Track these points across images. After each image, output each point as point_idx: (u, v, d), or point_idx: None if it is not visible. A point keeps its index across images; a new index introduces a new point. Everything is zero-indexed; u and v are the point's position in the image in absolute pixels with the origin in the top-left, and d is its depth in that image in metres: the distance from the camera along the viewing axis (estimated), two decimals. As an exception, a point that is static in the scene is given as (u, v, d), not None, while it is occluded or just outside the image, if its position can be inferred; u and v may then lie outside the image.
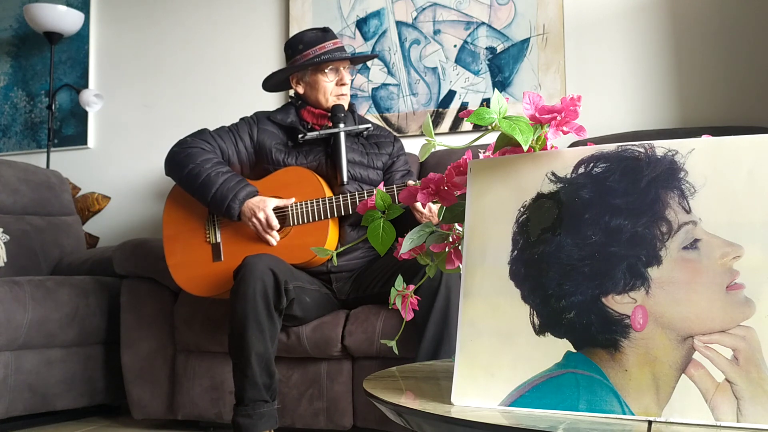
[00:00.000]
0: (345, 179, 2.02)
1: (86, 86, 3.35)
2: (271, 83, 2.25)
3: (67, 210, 2.98)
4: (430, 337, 1.80)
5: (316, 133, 2.07)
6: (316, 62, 2.10)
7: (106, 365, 2.46)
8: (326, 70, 2.12)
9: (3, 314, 2.14)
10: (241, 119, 2.20)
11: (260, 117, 2.20)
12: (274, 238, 2.00)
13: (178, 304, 2.25)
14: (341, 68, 2.14)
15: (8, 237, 2.63)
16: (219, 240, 2.08)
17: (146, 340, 2.28)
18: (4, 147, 3.48)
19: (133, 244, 2.33)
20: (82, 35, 3.38)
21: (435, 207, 1.89)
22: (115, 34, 3.39)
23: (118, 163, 3.30)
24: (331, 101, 2.13)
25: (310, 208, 2.00)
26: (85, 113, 3.34)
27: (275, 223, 1.98)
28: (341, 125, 2.07)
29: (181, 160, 2.06)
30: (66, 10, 3.20)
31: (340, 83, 2.13)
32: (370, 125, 2.16)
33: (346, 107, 2.14)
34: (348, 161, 2.07)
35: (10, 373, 2.17)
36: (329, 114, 2.13)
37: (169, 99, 3.25)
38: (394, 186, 1.93)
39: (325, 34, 2.14)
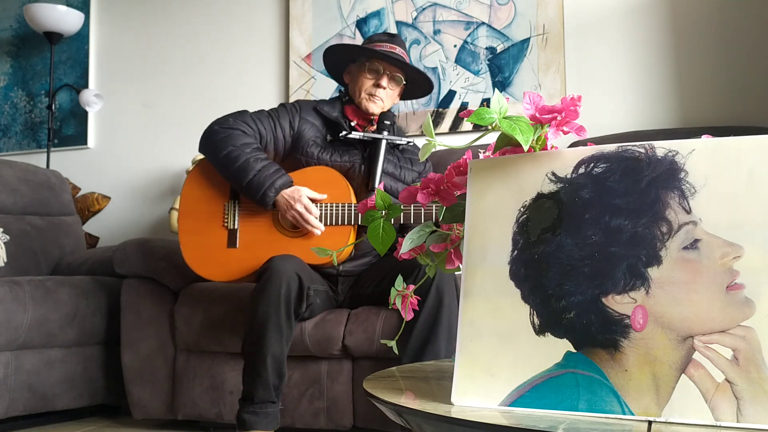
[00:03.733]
0: (376, 186, 1.99)
1: (86, 86, 3.35)
2: (332, 66, 2.22)
3: (67, 210, 2.98)
4: (417, 337, 1.81)
5: (361, 134, 2.05)
6: (367, 52, 2.08)
7: (106, 365, 2.46)
8: (368, 67, 2.09)
9: (3, 314, 2.13)
10: (281, 105, 2.15)
11: (304, 106, 2.14)
12: (317, 227, 1.95)
13: (178, 304, 2.25)
14: (385, 73, 2.08)
15: (8, 237, 2.63)
16: (236, 227, 2.04)
17: (146, 340, 2.28)
18: (4, 147, 3.48)
19: (133, 244, 2.33)
20: (82, 35, 3.38)
21: None
22: (115, 34, 3.39)
23: (118, 163, 3.30)
24: (363, 98, 2.09)
25: (335, 211, 1.98)
26: (85, 113, 3.34)
27: (315, 210, 1.95)
28: (385, 133, 2.05)
29: (220, 140, 2.00)
30: (66, 10, 3.20)
31: (376, 84, 2.08)
32: (411, 141, 2.15)
33: (377, 111, 2.10)
34: (382, 171, 2.05)
35: (10, 373, 2.17)
36: (372, 117, 2.11)
37: (169, 99, 3.26)
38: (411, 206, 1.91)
39: (391, 38, 2.13)
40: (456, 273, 1.11)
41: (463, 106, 2.80)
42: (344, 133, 2.05)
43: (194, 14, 3.26)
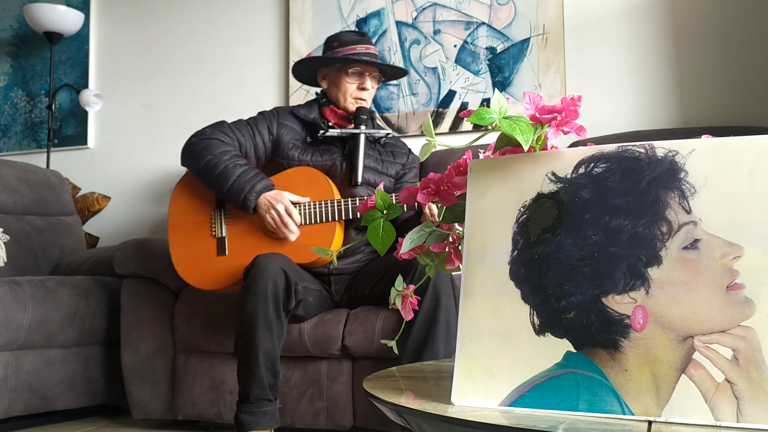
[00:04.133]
0: (360, 180, 2.03)
1: (86, 86, 3.35)
2: (302, 72, 2.25)
3: (67, 210, 2.98)
4: (415, 337, 1.81)
5: (338, 131, 2.08)
6: (342, 60, 2.10)
7: (106, 365, 2.46)
8: (350, 71, 2.12)
9: (3, 314, 2.13)
10: (260, 113, 2.19)
11: (281, 111, 2.19)
12: (292, 232, 1.97)
13: (178, 304, 2.25)
14: (366, 74, 2.13)
15: (8, 237, 2.63)
16: (224, 234, 2.07)
17: (146, 340, 2.28)
18: (4, 147, 3.48)
19: (133, 244, 2.33)
20: (82, 35, 3.38)
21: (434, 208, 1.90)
22: (115, 34, 3.39)
23: (118, 163, 3.30)
24: (350, 102, 2.14)
25: (318, 209, 2.00)
26: (85, 113, 3.34)
27: (296, 215, 1.97)
28: (362, 127, 2.08)
29: (199, 150, 2.04)
30: (66, 10, 3.20)
31: (360, 87, 2.13)
32: (389, 132, 2.19)
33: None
34: (363, 165, 2.07)
35: (10, 373, 2.17)
36: (351, 116, 2.14)
37: (169, 99, 3.26)
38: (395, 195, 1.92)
39: (361, 38, 2.16)
40: (455, 273, 1.11)
41: (463, 106, 2.80)
42: (322, 132, 2.08)
43: (194, 14, 3.26)
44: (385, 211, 0.92)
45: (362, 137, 2.06)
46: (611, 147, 0.70)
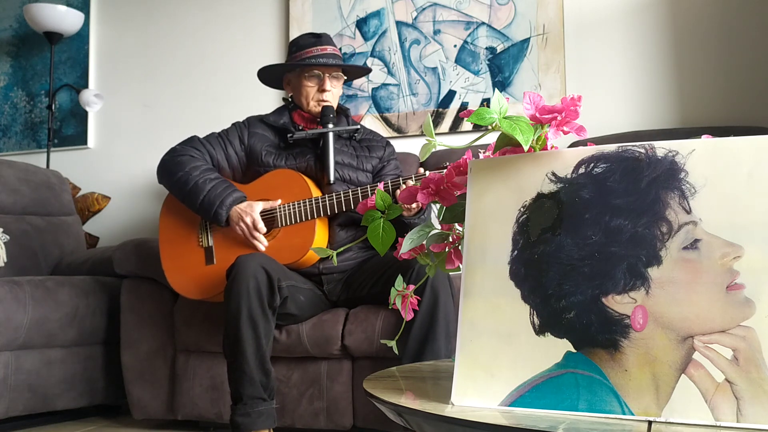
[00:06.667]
0: (332, 178, 2.04)
1: (86, 86, 3.35)
2: (268, 79, 2.29)
3: (67, 210, 2.98)
4: (415, 338, 1.81)
5: (305, 132, 2.10)
6: (298, 65, 2.14)
7: (106, 365, 2.46)
8: (307, 75, 2.15)
9: (3, 314, 2.13)
10: (233, 124, 2.23)
11: (252, 121, 2.23)
12: (261, 242, 2.01)
13: (178, 305, 2.25)
14: (325, 75, 2.15)
15: (8, 237, 2.63)
16: (211, 244, 2.10)
17: (146, 340, 2.28)
18: (4, 147, 3.48)
19: (133, 244, 2.33)
20: (82, 35, 3.38)
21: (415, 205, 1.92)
22: (115, 34, 3.39)
23: (118, 163, 3.30)
24: (312, 106, 2.16)
25: (297, 209, 2.02)
26: (85, 113, 3.34)
27: (261, 226, 2.00)
28: (330, 125, 2.10)
29: (170, 168, 2.10)
30: (66, 10, 3.20)
31: (320, 89, 2.15)
32: (358, 126, 2.19)
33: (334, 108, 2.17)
34: (337, 162, 2.09)
35: (10, 373, 2.17)
36: (317, 118, 2.16)
37: (169, 99, 3.26)
38: (389, 181, 1.92)
39: (317, 39, 2.17)
40: (455, 273, 1.11)
41: (463, 106, 2.80)
42: (290, 135, 2.11)
43: (194, 14, 3.26)
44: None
45: (330, 136, 2.07)
46: (611, 147, 0.70)
